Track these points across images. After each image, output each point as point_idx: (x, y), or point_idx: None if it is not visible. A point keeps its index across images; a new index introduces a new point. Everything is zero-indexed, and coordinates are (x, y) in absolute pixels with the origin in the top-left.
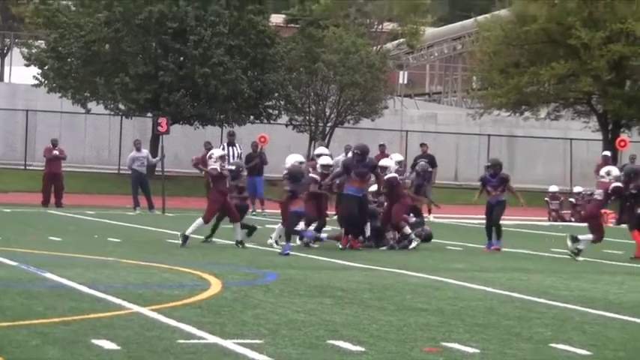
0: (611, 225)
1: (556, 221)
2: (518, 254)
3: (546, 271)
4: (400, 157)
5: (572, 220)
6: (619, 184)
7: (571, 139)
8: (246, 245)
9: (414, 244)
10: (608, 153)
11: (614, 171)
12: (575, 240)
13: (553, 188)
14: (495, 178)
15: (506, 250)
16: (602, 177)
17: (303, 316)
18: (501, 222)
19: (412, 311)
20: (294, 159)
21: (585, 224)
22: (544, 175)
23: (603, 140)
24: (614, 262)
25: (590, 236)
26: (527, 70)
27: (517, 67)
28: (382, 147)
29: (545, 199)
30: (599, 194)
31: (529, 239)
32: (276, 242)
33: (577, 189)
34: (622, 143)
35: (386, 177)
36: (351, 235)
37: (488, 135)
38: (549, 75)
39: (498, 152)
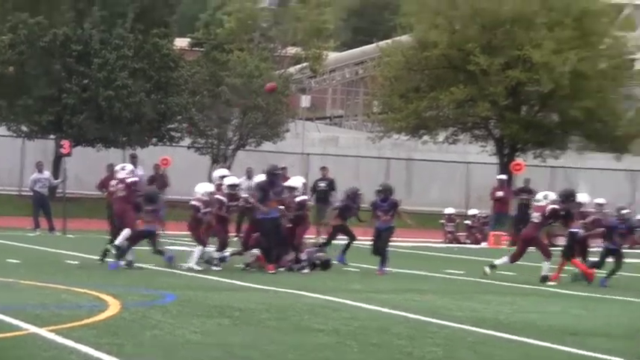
0: (505, 246)
1: (452, 243)
2: (413, 275)
3: (440, 292)
4: (302, 180)
5: (468, 242)
6: (556, 206)
7: (468, 163)
8: (141, 266)
9: (306, 271)
10: (503, 176)
11: (551, 195)
12: (545, 279)
13: (449, 210)
14: (386, 202)
15: (402, 271)
16: (539, 200)
17: (200, 337)
18: (399, 244)
19: (309, 332)
20: (203, 188)
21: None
22: (442, 198)
23: (499, 164)
24: (505, 283)
25: (547, 264)
26: (427, 94)
27: (417, 92)
28: (283, 170)
29: (441, 221)
30: (536, 217)
31: (424, 260)
32: (197, 264)
33: (472, 211)
34: (517, 167)
35: (298, 199)
36: (264, 255)
37: (388, 158)
38: (448, 100)
39: (397, 175)
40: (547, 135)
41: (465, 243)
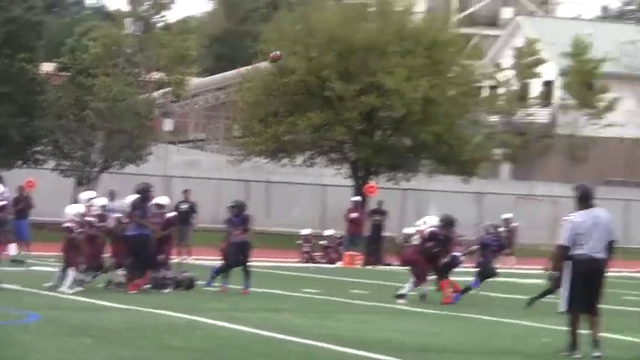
0: (359, 266)
1: (308, 262)
2: (272, 294)
3: (297, 311)
4: (167, 201)
5: (324, 261)
6: (435, 228)
7: (324, 185)
8: (6, 286)
9: (168, 290)
10: (358, 198)
11: (430, 220)
12: (401, 296)
13: (305, 231)
14: (238, 217)
15: (261, 290)
16: (419, 225)
17: (62, 356)
18: (258, 264)
19: (169, 350)
20: (75, 209)
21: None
22: (300, 219)
23: (354, 186)
24: (361, 302)
25: (410, 284)
26: (286, 119)
27: (276, 117)
28: None
29: (298, 241)
30: (416, 239)
31: (282, 280)
32: (69, 287)
33: (328, 232)
34: (370, 189)
35: (168, 215)
36: (129, 274)
37: (247, 181)
38: (306, 124)
39: (257, 197)
40: (399, 158)
41: (320, 262)
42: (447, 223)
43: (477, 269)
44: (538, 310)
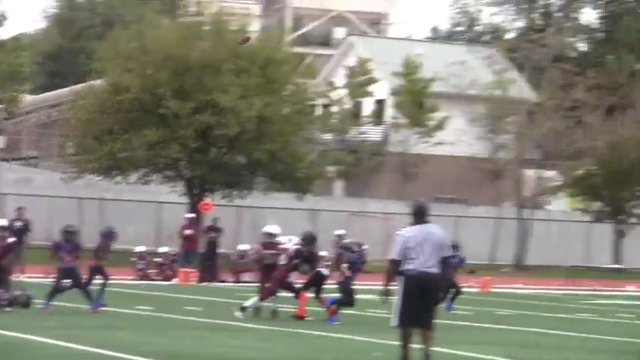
0: (194, 282)
1: (143, 279)
2: (106, 312)
3: (131, 328)
4: (5, 222)
5: (159, 278)
6: (299, 246)
7: (159, 202)
8: None
9: (4, 309)
10: (192, 215)
11: (294, 238)
12: (243, 309)
13: (140, 248)
14: (70, 244)
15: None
16: (284, 243)
17: None
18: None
19: None
20: None
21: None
22: (135, 237)
23: (190, 203)
24: (195, 319)
25: (255, 298)
26: (121, 137)
27: (111, 134)
28: None
29: (133, 258)
30: (283, 259)
31: (116, 297)
32: None
33: (163, 249)
34: (205, 206)
35: (9, 241)
36: None
37: (80, 198)
38: (141, 142)
39: (91, 215)
40: (234, 176)
41: (155, 279)
42: (310, 240)
43: (338, 287)
44: (370, 324)
